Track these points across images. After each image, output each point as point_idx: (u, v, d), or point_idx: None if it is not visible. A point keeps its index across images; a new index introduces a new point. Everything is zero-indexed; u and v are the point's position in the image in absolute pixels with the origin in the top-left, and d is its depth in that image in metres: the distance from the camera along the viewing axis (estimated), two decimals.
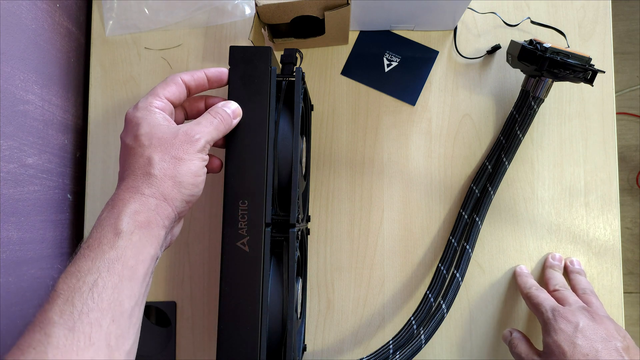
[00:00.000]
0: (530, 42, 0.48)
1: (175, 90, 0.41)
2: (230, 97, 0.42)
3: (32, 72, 0.49)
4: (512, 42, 0.51)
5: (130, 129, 0.39)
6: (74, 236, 0.57)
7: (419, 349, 0.47)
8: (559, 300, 0.48)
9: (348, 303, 0.55)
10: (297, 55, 0.46)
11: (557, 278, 0.51)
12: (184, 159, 0.38)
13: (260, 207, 0.41)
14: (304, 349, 0.51)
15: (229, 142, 0.42)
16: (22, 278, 0.48)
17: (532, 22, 0.55)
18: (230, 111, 0.41)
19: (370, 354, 0.49)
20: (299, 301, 0.48)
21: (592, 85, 0.47)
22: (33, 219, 0.50)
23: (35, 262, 0.50)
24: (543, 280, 0.53)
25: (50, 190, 0.52)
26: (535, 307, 0.48)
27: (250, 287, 0.41)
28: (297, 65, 0.45)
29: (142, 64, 0.57)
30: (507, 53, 0.52)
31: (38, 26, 0.50)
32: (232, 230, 0.41)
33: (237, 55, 0.43)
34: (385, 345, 0.49)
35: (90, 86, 0.57)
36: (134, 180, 0.37)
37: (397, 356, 0.47)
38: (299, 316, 0.48)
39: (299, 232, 0.45)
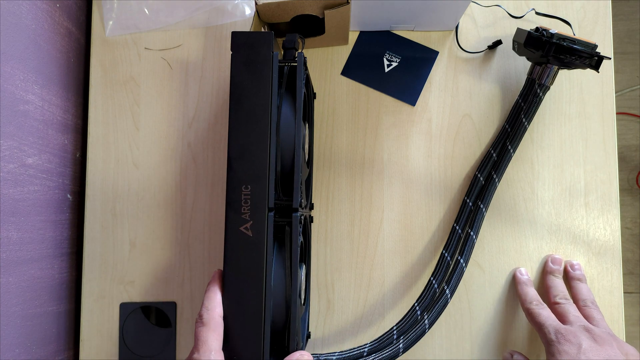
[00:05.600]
0: (537, 29, 0.49)
1: (222, 332, 0.40)
2: (232, 83, 0.42)
3: (32, 72, 0.49)
4: (519, 30, 0.51)
5: None
6: (74, 236, 0.57)
7: (423, 333, 0.47)
8: (560, 316, 0.48)
9: (348, 303, 0.55)
10: (299, 40, 0.45)
11: (558, 287, 0.51)
12: None
13: (263, 191, 0.41)
14: (308, 336, 0.51)
15: (232, 126, 0.42)
16: (22, 278, 0.48)
17: (537, 13, 0.55)
18: None
19: (374, 340, 0.48)
20: (303, 287, 0.48)
21: (598, 72, 0.47)
22: (33, 219, 0.50)
23: (35, 262, 0.50)
24: (543, 286, 0.53)
25: (50, 190, 0.52)
26: (537, 326, 0.48)
27: (254, 272, 0.41)
28: (299, 51, 0.45)
29: (142, 64, 0.57)
30: (514, 41, 0.53)
31: (38, 26, 0.50)
32: (235, 215, 0.41)
33: (240, 41, 0.42)
34: (389, 330, 0.49)
35: (90, 86, 0.57)
36: None
37: (401, 341, 0.47)
38: (302, 302, 0.48)
39: (302, 217, 0.45)
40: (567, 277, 0.53)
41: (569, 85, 0.56)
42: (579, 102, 0.56)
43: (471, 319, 0.54)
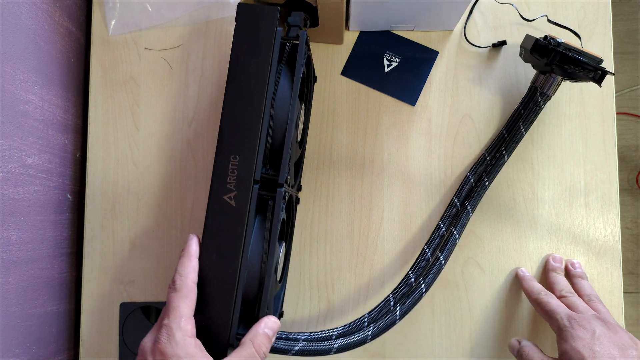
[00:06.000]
0: (545, 37, 0.49)
1: (194, 299, 0.39)
2: (233, 54, 0.42)
3: (32, 72, 0.49)
4: (527, 36, 0.52)
5: None
6: (74, 236, 0.57)
7: (393, 323, 0.47)
8: (568, 307, 0.48)
9: (348, 303, 0.55)
10: (304, 19, 0.45)
11: (562, 283, 0.51)
12: None
13: (251, 163, 0.41)
14: (281, 314, 0.51)
15: (228, 96, 0.42)
16: (22, 278, 0.48)
17: (549, 20, 0.55)
18: (272, 332, 0.40)
19: (345, 325, 0.48)
20: (281, 265, 0.48)
21: (600, 86, 0.47)
22: (33, 219, 0.50)
23: (35, 262, 0.50)
24: (547, 284, 0.53)
25: (50, 190, 0.52)
26: (548, 314, 0.48)
27: (232, 241, 0.41)
28: (303, 29, 0.45)
29: (142, 64, 0.57)
30: (521, 47, 0.53)
31: (38, 26, 0.50)
32: (221, 183, 0.41)
33: (244, 14, 0.42)
34: (360, 317, 0.49)
35: (90, 86, 0.57)
36: None
37: (371, 328, 0.47)
38: (278, 279, 0.47)
39: (287, 194, 0.45)
40: (569, 275, 0.53)
41: (569, 85, 0.56)
42: (579, 102, 0.56)
43: (471, 319, 0.54)
